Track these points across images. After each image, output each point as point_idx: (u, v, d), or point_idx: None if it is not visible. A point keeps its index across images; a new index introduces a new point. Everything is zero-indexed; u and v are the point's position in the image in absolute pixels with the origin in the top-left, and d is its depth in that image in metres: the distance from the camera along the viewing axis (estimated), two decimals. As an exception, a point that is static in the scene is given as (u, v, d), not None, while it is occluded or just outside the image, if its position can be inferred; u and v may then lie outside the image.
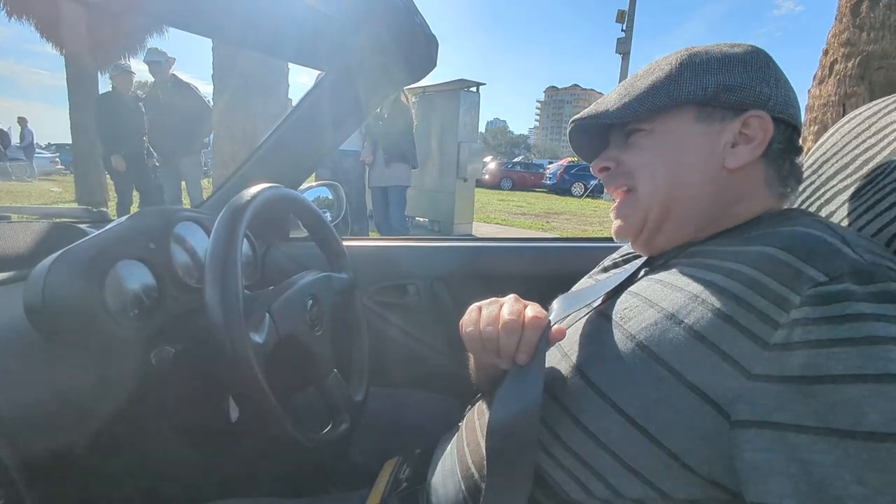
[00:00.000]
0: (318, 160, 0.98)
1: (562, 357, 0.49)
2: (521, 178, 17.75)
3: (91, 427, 0.58)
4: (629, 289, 0.50)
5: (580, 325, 0.51)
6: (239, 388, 0.52)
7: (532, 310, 0.48)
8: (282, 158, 0.95)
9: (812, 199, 0.65)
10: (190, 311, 0.68)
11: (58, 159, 16.86)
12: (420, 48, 0.79)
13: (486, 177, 15.96)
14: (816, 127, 1.92)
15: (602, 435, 0.42)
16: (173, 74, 4.21)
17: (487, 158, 17.61)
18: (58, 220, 0.87)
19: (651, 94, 0.50)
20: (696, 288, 0.42)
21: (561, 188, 15.58)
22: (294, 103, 1.04)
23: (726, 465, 0.37)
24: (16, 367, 0.55)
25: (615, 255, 0.74)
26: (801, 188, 0.67)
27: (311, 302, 0.70)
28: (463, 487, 0.54)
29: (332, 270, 0.82)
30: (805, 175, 0.67)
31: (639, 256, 0.68)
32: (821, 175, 0.65)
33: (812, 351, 0.33)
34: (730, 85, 0.48)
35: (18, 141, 13.66)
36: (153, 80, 4.24)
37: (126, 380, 0.60)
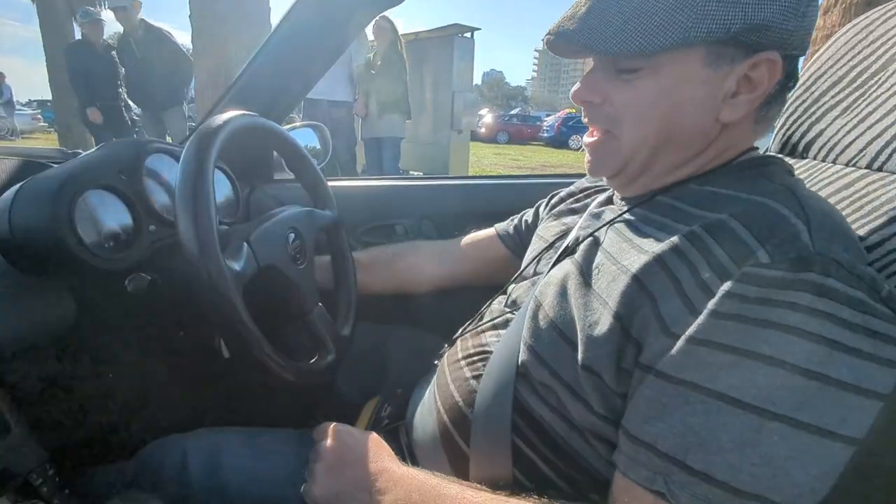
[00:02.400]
0: (297, 94, 0.93)
1: (536, 307, 0.51)
2: (517, 130, 17.40)
3: (71, 354, 0.58)
4: (601, 243, 0.50)
5: (557, 274, 0.52)
6: (219, 316, 0.51)
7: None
8: (260, 92, 0.90)
9: (803, 118, 0.63)
10: (169, 244, 0.67)
11: (39, 116, 16.31)
12: None
13: (482, 130, 15.63)
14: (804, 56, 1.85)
15: (560, 371, 0.46)
16: (143, 20, 3.96)
17: (483, 111, 17.18)
18: (29, 159, 0.84)
19: (665, 29, 0.41)
20: (656, 248, 0.42)
21: (558, 141, 15.32)
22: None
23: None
24: None
25: (575, 190, 0.75)
26: (792, 108, 0.65)
27: (292, 235, 0.69)
28: (439, 424, 0.56)
29: (315, 207, 0.80)
30: (797, 94, 0.65)
31: (601, 189, 0.69)
32: (813, 92, 0.62)
33: (716, 321, 0.36)
34: (757, 24, 0.40)
35: (-3, 97, 13.16)
36: (122, 28, 4.00)
37: (103, 308, 0.59)
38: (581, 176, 0.99)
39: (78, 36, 4.78)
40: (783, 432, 0.33)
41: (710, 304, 0.36)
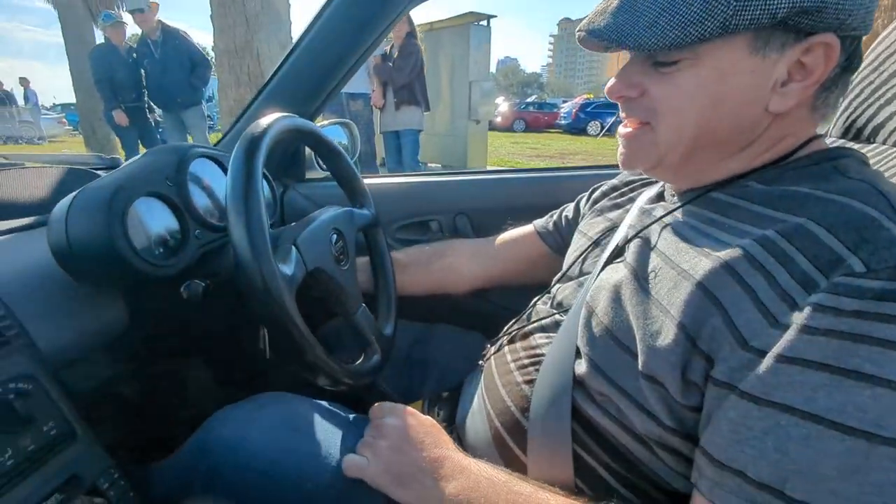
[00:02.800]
0: (333, 89, 0.92)
1: (589, 314, 0.49)
2: (534, 118, 17.17)
3: (129, 359, 0.59)
4: (655, 244, 0.47)
5: (609, 278, 0.49)
6: (272, 320, 0.51)
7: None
8: (295, 90, 0.90)
9: (870, 100, 0.59)
10: (216, 249, 0.67)
11: (64, 119, 16.76)
12: None
13: (499, 119, 15.47)
14: (868, 35, 1.76)
15: (619, 380, 0.44)
16: (160, 21, 4.01)
17: (499, 100, 17.01)
18: (71, 166, 0.85)
19: (702, 20, 0.38)
20: (723, 253, 0.39)
21: (576, 128, 15.05)
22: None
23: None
24: (53, 308, 0.55)
25: (619, 183, 0.72)
26: (857, 89, 0.62)
27: (335, 236, 0.69)
28: (491, 430, 0.55)
29: (352, 206, 0.79)
30: (863, 75, 0.61)
31: (647, 183, 0.66)
32: (882, 72, 0.58)
33: (808, 336, 0.33)
34: (808, 6, 0.36)
35: (23, 102, 13.55)
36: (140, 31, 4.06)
37: (158, 317, 0.60)
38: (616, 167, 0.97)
39: (99, 39, 4.87)
40: (894, 457, 0.30)
41: (799, 319, 0.33)
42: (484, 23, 5.54)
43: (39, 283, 0.56)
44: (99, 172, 0.81)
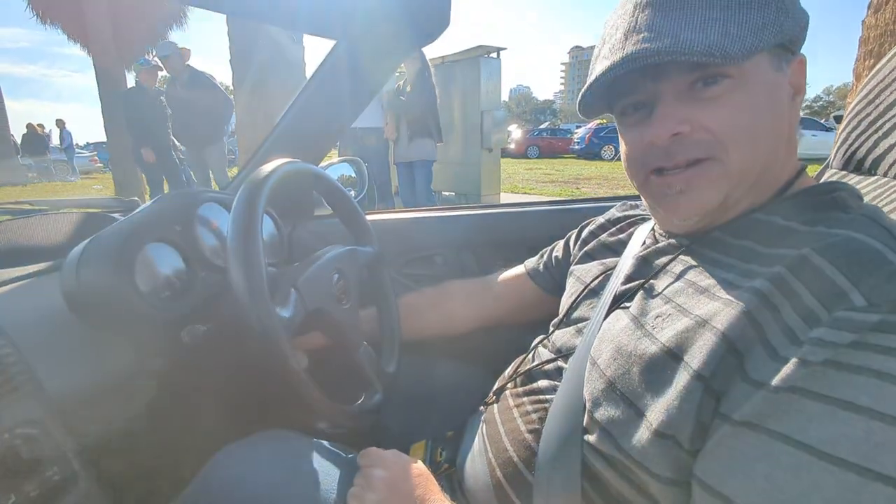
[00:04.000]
0: (337, 133, 0.96)
1: (592, 366, 0.48)
2: (548, 144, 17.31)
3: (132, 403, 0.60)
4: (661, 291, 0.46)
5: (611, 328, 0.49)
6: (268, 363, 0.52)
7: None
8: (300, 135, 0.93)
9: (868, 132, 0.59)
10: (219, 291, 0.69)
11: (96, 157, 17.57)
12: (432, 6, 0.75)
13: (512, 146, 15.63)
14: (872, 61, 1.73)
15: (625, 444, 0.42)
16: (188, 66, 4.26)
17: (512, 127, 17.22)
18: (89, 210, 0.89)
19: (762, 28, 0.39)
20: (735, 295, 0.39)
21: (590, 152, 15.11)
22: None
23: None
24: (62, 351, 0.57)
25: (606, 223, 0.71)
26: (854, 121, 0.61)
27: (336, 276, 0.70)
28: (492, 479, 0.54)
29: (356, 244, 0.81)
30: (860, 108, 0.61)
31: (639, 220, 0.66)
32: (878, 105, 0.58)
33: (805, 368, 0.32)
34: (801, 24, 0.42)
35: (59, 143, 14.28)
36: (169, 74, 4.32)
37: (161, 358, 0.61)
38: (626, 198, 0.97)
39: (130, 83, 5.16)
40: (888, 496, 0.29)
41: (799, 353, 0.33)
42: (494, 55, 5.68)
43: (51, 327, 0.58)
44: (115, 216, 0.85)
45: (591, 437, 0.46)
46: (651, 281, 0.48)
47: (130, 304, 0.57)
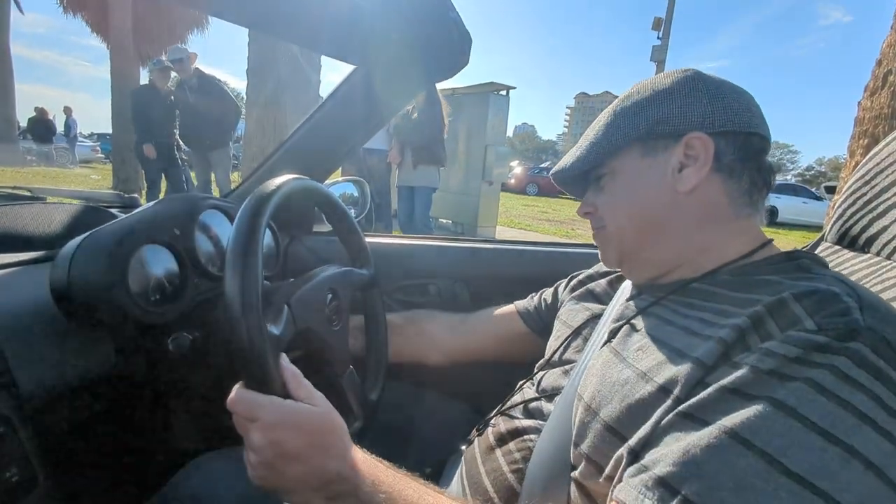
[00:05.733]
0: (345, 154, 0.97)
1: (578, 401, 0.50)
2: (547, 183, 17.55)
3: (105, 407, 0.58)
4: (642, 329, 0.51)
5: (594, 364, 0.52)
6: (252, 379, 0.51)
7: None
8: (309, 151, 0.94)
9: (863, 211, 0.61)
10: (210, 299, 0.68)
11: (98, 148, 17.55)
12: (454, 45, 0.77)
13: (512, 181, 15.87)
14: (867, 140, 1.81)
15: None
16: (197, 69, 4.37)
17: (514, 163, 17.52)
18: (90, 203, 0.88)
19: (595, 145, 0.56)
20: (710, 330, 0.42)
21: (587, 196, 15.31)
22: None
23: None
24: (40, 346, 0.56)
25: (595, 274, 0.77)
26: (850, 199, 0.63)
27: (330, 296, 0.69)
28: None
29: (353, 266, 0.81)
30: (856, 187, 0.63)
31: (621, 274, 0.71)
32: (873, 187, 0.60)
33: (752, 374, 0.36)
34: (660, 118, 0.52)
35: (63, 129, 14.28)
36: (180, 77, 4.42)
37: (144, 364, 0.60)
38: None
39: (143, 80, 5.25)
40: (792, 491, 0.30)
41: (751, 360, 0.36)
42: (503, 93, 5.83)
43: (32, 319, 0.56)
44: (115, 212, 0.84)
45: (576, 473, 0.46)
46: (633, 321, 0.52)
47: (119, 303, 0.56)
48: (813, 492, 0.30)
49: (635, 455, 0.40)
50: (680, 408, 0.38)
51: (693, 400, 0.38)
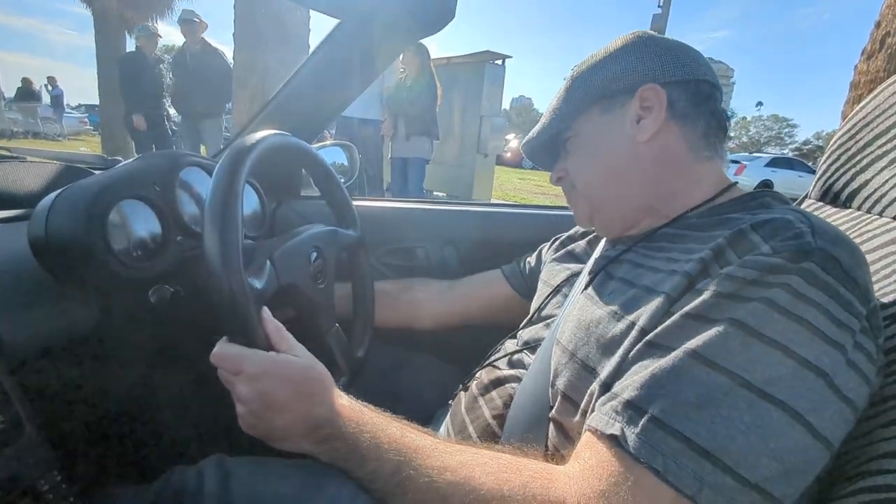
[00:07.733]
0: (330, 114, 0.95)
1: (556, 345, 0.52)
2: (543, 157, 17.40)
3: (91, 360, 0.58)
4: (614, 275, 0.53)
5: (570, 311, 0.54)
6: (235, 332, 0.51)
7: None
8: (294, 111, 0.92)
9: (846, 166, 0.61)
10: (194, 256, 0.67)
11: (86, 119, 17.16)
12: None
13: (508, 154, 15.69)
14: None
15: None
16: (203, 38, 4.22)
17: (510, 136, 17.31)
18: (70, 163, 0.87)
19: (557, 111, 0.59)
20: (676, 265, 0.45)
21: (583, 170, 15.21)
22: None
23: None
24: (22, 300, 0.55)
25: (575, 234, 0.81)
26: (835, 156, 0.63)
27: (314, 254, 0.69)
28: None
29: (339, 226, 0.80)
30: (841, 142, 0.63)
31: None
32: (858, 141, 0.60)
33: (713, 299, 0.38)
34: (614, 76, 0.55)
35: (49, 101, 13.92)
36: (183, 41, 4.27)
37: (126, 317, 0.60)
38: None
39: (129, 48, 5.09)
40: (751, 401, 0.33)
41: (711, 286, 0.39)
42: (499, 62, 5.71)
43: (12, 274, 0.56)
44: (97, 172, 0.83)
45: (553, 412, 0.48)
46: (607, 268, 0.55)
47: (99, 258, 0.55)
48: (770, 402, 0.33)
49: (607, 387, 0.42)
50: (647, 338, 0.40)
51: (659, 328, 0.40)
